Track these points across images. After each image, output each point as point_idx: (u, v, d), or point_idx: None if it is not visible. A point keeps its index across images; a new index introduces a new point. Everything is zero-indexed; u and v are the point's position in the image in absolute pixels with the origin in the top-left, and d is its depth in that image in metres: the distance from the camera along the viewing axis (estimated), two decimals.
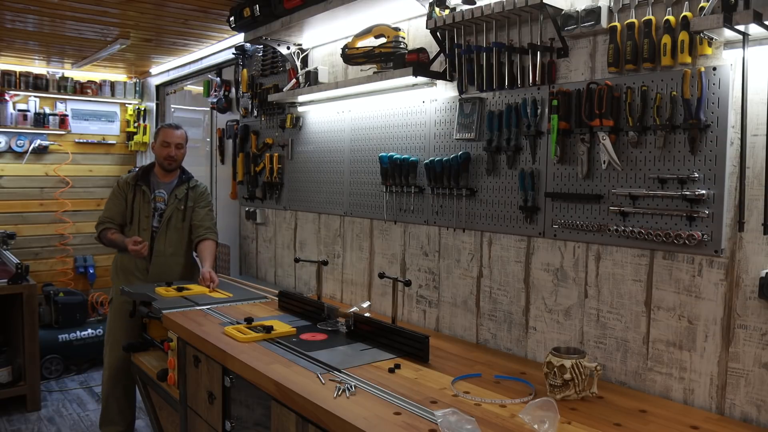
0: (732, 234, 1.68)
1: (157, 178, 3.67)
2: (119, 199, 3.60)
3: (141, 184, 3.60)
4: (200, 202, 3.71)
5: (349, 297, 3.10)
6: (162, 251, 3.57)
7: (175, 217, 3.62)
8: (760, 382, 1.62)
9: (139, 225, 3.57)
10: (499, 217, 2.30)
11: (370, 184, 2.91)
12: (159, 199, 3.63)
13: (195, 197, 3.69)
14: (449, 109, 2.48)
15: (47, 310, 4.94)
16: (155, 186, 3.65)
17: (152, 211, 3.59)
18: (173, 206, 3.61)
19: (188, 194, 3.66)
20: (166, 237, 3.58)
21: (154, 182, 3.65)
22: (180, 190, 3.64)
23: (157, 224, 3.60)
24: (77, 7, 3.50)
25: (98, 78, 5.91)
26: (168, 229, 3.60)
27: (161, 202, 3.63)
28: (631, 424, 1.61)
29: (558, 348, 1.82)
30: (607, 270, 1.97)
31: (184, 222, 3.65)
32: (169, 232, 3.60)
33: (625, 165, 1.89)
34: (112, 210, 3.60)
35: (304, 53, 3.36)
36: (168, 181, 3.67)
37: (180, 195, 3.63)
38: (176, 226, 3.62)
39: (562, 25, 1.99)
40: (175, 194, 3.63)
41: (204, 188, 3.80)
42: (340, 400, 1.76)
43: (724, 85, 1.66)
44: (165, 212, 3.60)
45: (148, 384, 3.12)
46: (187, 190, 3.67)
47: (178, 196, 3.63)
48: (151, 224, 3.59)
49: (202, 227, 3.64)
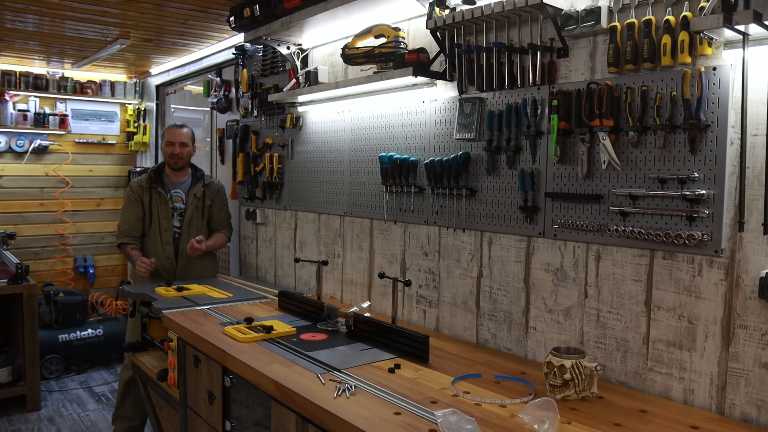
0: (732, 234, 1.68)
1: (170, 178, 3.68)
2: (135, 204, 3.60)
3: (156, 185, 3.61)
4: (217, 200, 3.75)
5: (349, 297, 3.10)
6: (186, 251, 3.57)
7: (196, 216, 3.66)
8: (760, 382, 1.62)
9: (159, 226, 3.58)
10: (499, 217, 2.30)
11: (370, 184, 2.91)
12: (176, 199, 3.65)
13: (212, 195, 3.72)
14: (449, 109, 2.48)
15: (47, 310, 4.94)
16: (170, 186, 3.66)
17: (171, 211, 3.61)
18: (193, 205, 3.64)
19: (205, 192, 3.69)
20: (189, 236, 3.58)
21: (167, 182, 3.66)
22: (197, 189, 3.67)
23: (177, 224, 3.63)
24: (77, 7, 3.50)
25: (98, 78, 5.91)
26: (190, 229, 3.63)
27: (179, 202, 3.65)
28: (631, 424, 1.61)
29: (558, 348, 1.82)
30: (607, 270, 1.97)
31: (203, 219, 3.70)
32: (192, 232, 3.62)
33: (625, 165, 1.89)
34: (130, 219, 3.59)
35: (304, 53, 3.36)
36: (181, 180, 3.68)
37: (198, 194, 3.66)
38: (197, 225, 3.66)
39: (562, 25, 1.99)
40: (193, 193, 3.65)
41: (219, 184, 3.83)
42: (340, 400, 1.76)
43: (724, 85, 1.66)
44: (186, 212, 3.63)
45: (148, 384, 3.12)
46: (204, 187, 3.69)
47: (197, 195, 3.65)
48: (171, 224, 3.62)
49: (219, 224, 3.74)
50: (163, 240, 3.59)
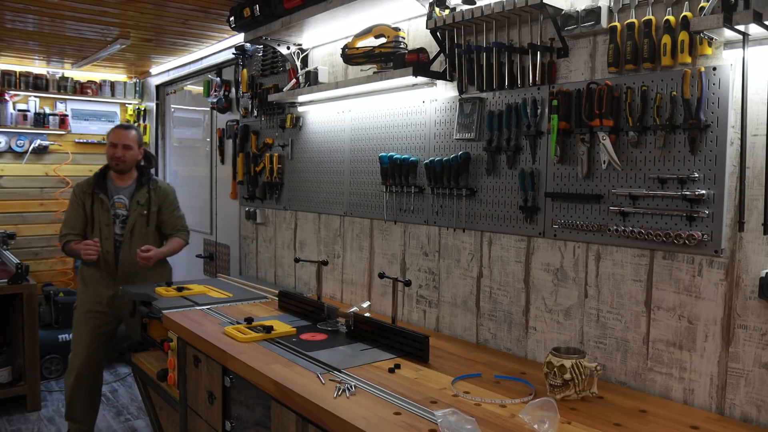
0: (732, 234, 1.68)
1: (114, 183, 3.54)
2: (77, 208, 3.48)
3: (98, 191, 3.47)
4: (166, 206, 3.59)
5: (349, 297, 3.10)
6: (128, 260, 3.47)
7: (139, 224, 3.51)
8: (760, 382, 1.62)
9: (101, 234, 3.45)
10: (499, 217, 2.30)
11: (370, 184, 2.91)
12: (119, 205, 3.50)
13: (159, 200, 3.57)
14: (449, 109, 2.48)
15: (47, 310, 4.94)
16: (113, 192, 3.51)
17: (113, 218, 3.47)
18: (136, 212, 3.50)
19: (151, 197, 3.54)
20: (131, 245, 3.46)
21: (111, 188, 3.52)
22: (141, 195, 3.52)
23: (119, 231, 3.48)
24: (77, 7, 3.50)
25: (98, 78, 5.91)
26: (133, 237, 3.48)
27: (122, 209, 3.50)
28: (631, 424, 1.61)
29: (558, 348, 1.82)
30: (607, 270, 1.97)
31: (149, 227, 3.54)
32: (134, 240, 3.48)
33: (625, 165, 1.89)
34: (73, 220, 3.49)
35: (304, 53, 3.36)
36: (125, 185, 3.54)
37: (142, 200, 3.51)
38: (141, 232, 3.51)
39: (562, 25, 1.99)
40: (136, 200, 3.51)
41: (167, 188, 3.67)
42: (340, 400, 1.76)
43: (724, 85, 1.66)
44: (128, 220, 3.49)
45: (148, 384, 3.12)
46: (149, 192, 3.54)
47: (140, 202, 3.51)
48: (113, 232, 3.48)
49: (171, 229, 3.60)
50: (104, 248, 3.43)
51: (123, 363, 5.26)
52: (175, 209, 3.66)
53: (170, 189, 3.70)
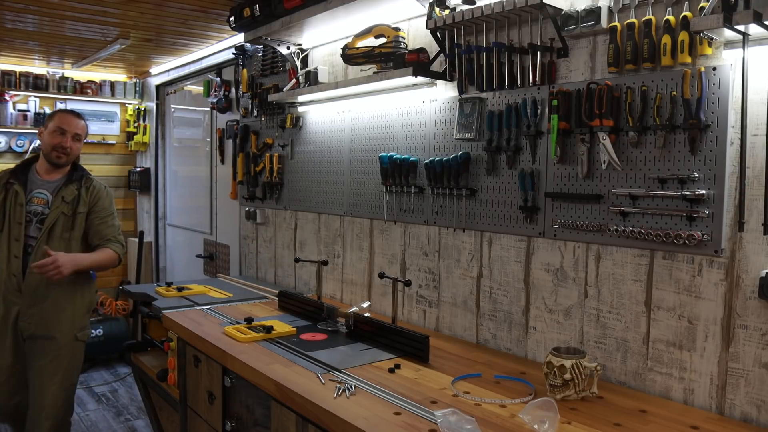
0: (732, 234, 1.68)
1: (38, 176, 2.91)
2: None
3: (13, 182, 2.83)
4: (98, 210, 2.93)
5: (349, 297, 3.10)
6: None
7: (61, 225, 2.84)
8: (760, 382, 1.62)
9: (10, 234, 2.79)
10: (499, 217, 2.30)
11: (370, 184, 2.91)
12: (38, 201, 2.85)
13: (90, 201, 2.92)
14: (449, 109, 2.48)
15: None
16: (33, 185, 2.87)
17: (27, 216, 2.82)
18: (58, 210, 2.84)
19: (80, 196, 2.89)
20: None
21: (32, 180, 2.89)
22: (68, 191, 2.87)
23: (34, 234, 2.82)
24: (77, 7, 3.50)
25: (98, 78, 5.91)
26: (51, 239, 2.81)
27: (40, 205, 2.85)
28: (631, 424, 1.61)
29: (558, 348, 1.82)
30: (607, 270, 1.97)
31: (74, 231, 2.87)
32: (53, 245, 2.77)
33: (625, 165, 1.89)
34: None
35: (304, 53, 3.36)
36: (52, 179, 2.90)
37: (68, 197, 2.86)
38: (62, 236, 2.84)
39: (562, 25, 1.99)
40: (61, 196, 2.85)
41: (101, 189, 3.00)
42: (340, 400, 1.76)
43: (724, 85, 1.66)
44: (47, 218, 2.82)
45: (148, 384, 3.12)
46: (79, 190, 2.90)
47: (65, 199, 2.85)
48: (25, 233, 2.81)
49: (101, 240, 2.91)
50: (11, 252, 2.79)
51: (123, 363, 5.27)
52: (108, 216, 2.97)
53: (107, 192, 3.03)
